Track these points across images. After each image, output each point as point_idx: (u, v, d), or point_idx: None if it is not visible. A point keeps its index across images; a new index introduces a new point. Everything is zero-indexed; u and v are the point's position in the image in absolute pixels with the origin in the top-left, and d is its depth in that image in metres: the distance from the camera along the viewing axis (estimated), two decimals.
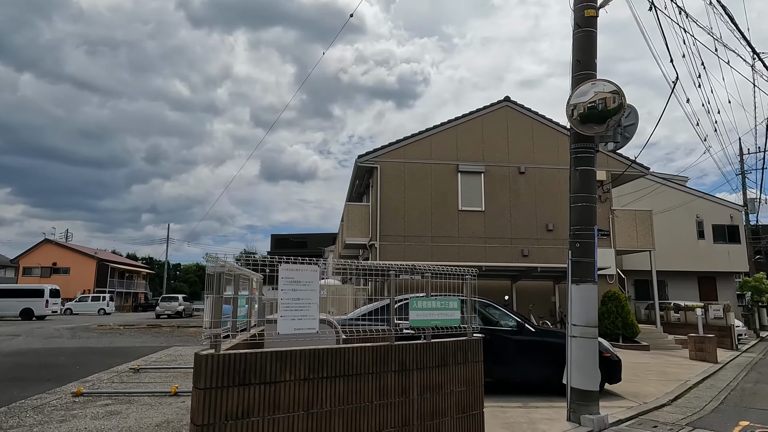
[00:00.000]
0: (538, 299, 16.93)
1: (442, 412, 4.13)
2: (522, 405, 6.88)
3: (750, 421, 6.46)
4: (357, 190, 20.70)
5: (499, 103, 18.22)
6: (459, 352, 4.36)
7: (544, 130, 18.11)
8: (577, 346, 6.09)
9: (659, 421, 6.36)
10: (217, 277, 3.27)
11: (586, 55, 6.53)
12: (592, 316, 6.18)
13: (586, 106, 6.37)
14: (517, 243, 17.15)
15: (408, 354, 3.99)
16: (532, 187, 17.65)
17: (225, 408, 3.08)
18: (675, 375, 10.07)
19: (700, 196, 26.79)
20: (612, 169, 17.67)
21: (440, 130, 17.67)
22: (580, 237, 6.32)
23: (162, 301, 37.54)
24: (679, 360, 12.82)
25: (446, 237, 16.86)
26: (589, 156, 6.48)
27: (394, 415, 3.82)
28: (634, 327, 15.50)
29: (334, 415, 3.50)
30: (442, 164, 17.34)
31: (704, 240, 26.17)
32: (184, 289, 60.76)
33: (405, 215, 16.84)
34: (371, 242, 16.99)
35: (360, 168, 17.63)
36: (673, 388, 8.57)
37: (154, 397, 7.00)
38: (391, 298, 4.09)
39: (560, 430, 5.66)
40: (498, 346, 7.62)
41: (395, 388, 3.87)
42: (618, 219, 18.23)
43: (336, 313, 9.05)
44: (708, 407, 7.38)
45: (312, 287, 3.61)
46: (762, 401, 7.91)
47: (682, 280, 25.70)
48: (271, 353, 3.30)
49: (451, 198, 17.21)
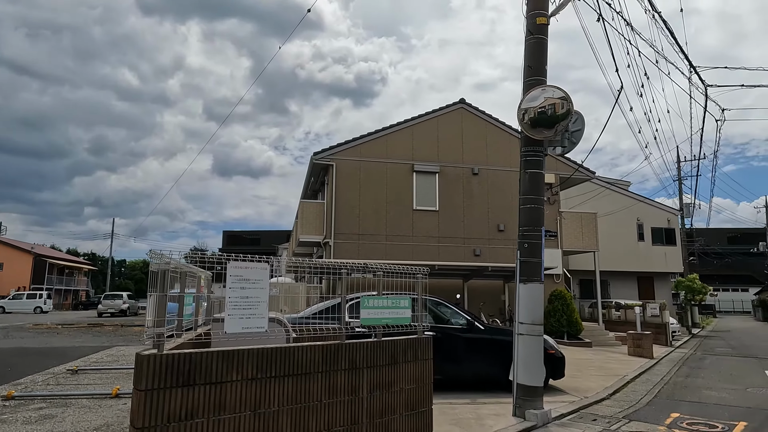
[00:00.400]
0: (489, 298, 17.34)
1: (391, 409, 4.16)
2: (470, 401, 7.03)
3: (680, 413, 6.86)
4: (312, 187, 20.52)
5: (455, 104, 18.52)
6: (409, 350, 4.40)
7: (497, 133, 18.56)
8: (523, 343, 6.28)
9: (598, 415, 6.66)
10: (162, 275, 3.16)
11: (537, 62, 6.73)
12: (539, 314, 6.38)
13: (536, 111, 6.57)
14: (470, 243, 17.50)
15: (358, 352, 3.99)
16: (485, 188, 18.05)
17: (168, 410, 2.99)
18: (614, 370, 10.56)
19: (640, 200, 28.22)
20: (560, 172, 18.33)
21: (396, 130, 17.78)
22: (529, 238, 6.52)
23: (105, 299, 35.84)
24: (618, 356, 13.45)
25: (401, 236, 16.98)
26: (539, 159, 6.69)
27: (344, 413, 3.82)
28: (578, 325, 16.14)
29: (282, 414, 3.46)
30: (397, 164, 17.45)
31: (644, 242, 27.59)
32: (130, 287, 58.29)
33: (360, 214, 16.84)
34: (326, 240, 16.89)
35: (315, 165, 17.48)
36: (612, 382, 8.98)
37: (94, 400, 6.69)
38: (343, 297, 4.08)
39: (506, 425, 5.82)
40: (448, 344, 7.75)
41: (345, 386, 3.86)
42: (565, 221, 18.94)
43: (288, 311, 8.95)
44: (643, 400, 7.79)
45: (261, 285, 3.55)
46: (691, 394, 8.42)
47: (623, 280, 27.01)
48: (217, 353, 3.22)
49: (406, 197, 17.35)
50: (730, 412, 6.95)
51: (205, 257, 3.96)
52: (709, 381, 9.83)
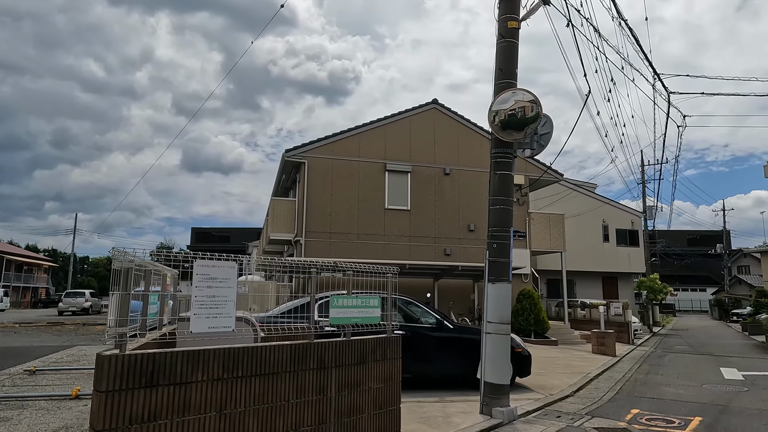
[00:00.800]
0: (459, 297, 17.53)
1: (359, 408, 4.16)
2: (438, 399, 7.09)
3: (640, 409, 7.09)
4: (284, 185, 20.32)
5: (428, 105, 18.63)
6: (378, 350, 4.42)
7: (469, 134, 18.76)
8: (491, 342, 6.38)
9: (562, 411, 6.82)
10: (125, 273, 3.08)
11: (508, 65, 6.83)
12: (506, 313, 6.49)
13: (506, 114, 6.67)
14: (440, 242, 17.65)
15: (327, 352, 3.98)
16: (456, 188, 18.23)
17: (129, 411, 2.91)
18: (579, 368, 10.83)
19: (606, 202, 28.99)
20: (530, 174, 18.66)
21: (369, 129, 17.77)
22: (498, 238, 6.62)
23: (66, 297, 34.61)
24: (583, 354, 13.80)
25: (372, 235, 16.99)
26: (508, 161, 6.79)
27: (312, 413, 3.80)
28: (545, 323, 16.49)
29: (248, 415, 3.42)
30: (370, 162, 17.45)
31: (609, 243, 28.35)
32: (93, 284, 56.45)
33: (332, 212, 16.78)
34: (296, 238, 16.76)
35: (287, 162, 17.32)
36: (576, 380, 9.21)
37: (52, 401, 6.47)
38: (312, 296, 4.06)
39: (473, 422, 5.90)
40: (418, 343, 7.80)
41: (313, 386, 3.85)
42: (534, 221, 19.30)
43: (258, 310, 8.85)
44: (605, 397, 8.02)
45: (229, 284, 3.50)
46: (651, 391, 8.71)
47: (589, 280, 27.70)
48: (181, 353, 3.16)
49: (378, 196, 17.36)
50: (687, 408, 7.22)
51: (170, 255, 3.88)
52: (668, 378, 10.18)
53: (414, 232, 17.49)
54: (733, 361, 13.22)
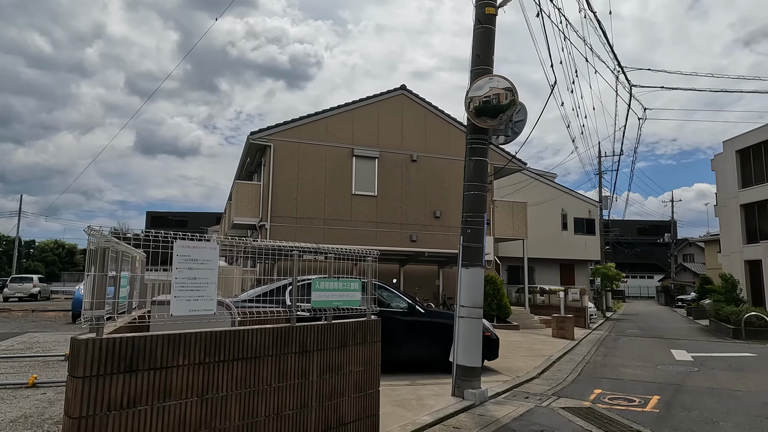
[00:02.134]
0: (424, 282, 17.72)
1: (340, 392, 4.13)
2: (411, 383, 7.16)
3: (602, 389, 7.39)
4: (248, 168, 19.86)
5: (396, 90, 18.54)
6: (359, 333, 4.39)
7: (436, 121, 18.82)
8: (464, 325, 6.47)
9: (530, 393, 7.02)
10: (101, 253, 2.91)
11: (484, 51, 6.85)
12: (479, 297, 6.59)
13: (481, 100, 6.70)
14: (407, 228, 17.73)
15: (309, 335, 3.92)
16: (423, 175, 18.31)
17: (108, 397, 2.78)
18: (541, 351, 11.17)
19: (565, 191, 29.83)
20: (495, 162, 18.91)
21: (336, 113, 17.55)
22: (472, 223, 6.68)
23: (12, 282, 32.83)
24: (543, 338, 14.25)
25: (339, 220, 16.89)
26: (483, 147, 6.85)
27: (293, 397, 3.74)
28: (507, 309, 16.91)
29: (230, 399, 3.34)
30: (337, 147, 17.27)
31: (567, 231, 29.26)
32: (40, 269, 53.74)
33: (298, 196, 16.55)
34: (261, 223, 16.46)
35: (252, 145, 16.91)
36: (540, 362, 9.50)
37: (7, 390, 6.13)
38: (294, 279, 3.98)
39: (446, 404, 5.99)
40: (390, 327, 7.81)
41: (295, 369, 3.79)
42: (498, 209, 19.65)
43: (222, 295, 8.65)
44: (569, 378, 8.31)
45: (210, 266, 3.37)
46: (611, 372, 9.09)
47: (548, 266, 28.55)
48: (162, 336, 3.03)
49: (345, 181, 17.23)
50: (645, 387, 7.58)
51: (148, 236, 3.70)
52: (625, 360, 10.65)
53: (381, 218, 17.49)
54: (681, 344, 13.95)
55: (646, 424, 5.51)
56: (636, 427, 5.38)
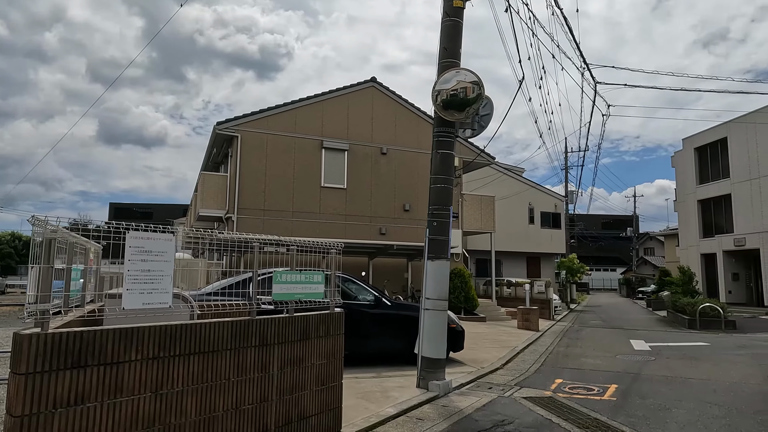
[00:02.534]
0: (393, 275, 17.77)
1: (302, 385, 4.10)
2: (376, 375, 7.18)
3: (563, 379, 7.57)
4: (214, 159, 19.45)
5: (366, 82, 18.44)
6: (321, 326, 4.35)
7: (406, 114, 18.82)
8: (429, 317, 6.50)
9: (494, 383, 7.13)
10: (47, 244, 2.78)
11: (452, 44, 6.86)
12: (444, 290, 6.64)
13: (448, 93, 6.71)
14: (376, 221, 17.72)
15: (269, 328, 3.86)
16: (393, 168, 18.30)
17: (53, 394, 2.67)
18: (506, 342, 11.37)
19: (532, 186, 30.36)
20: (464, 156, 19.07)
21: (306, 104, 17.34)
22: (438, 216, 6.71)
23: None
24: (509, 329, 14.50)
25: (307, 213, 16.74)
26: (450, 140, 6.87)
27: (253, 391, 3.68)
28: (474, 301, 17.14)
29: (186, 394, 3.25)
30: (306, 139, 17.08)
31: (534, 225, 29.82)
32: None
33: (265, 189, 16.31)
34: (228, 215, 16.17)
35: (219, 135, 16.55)
36: (504, 353, 9.66)
37: None
38: (254, 271, 3.91)
39: (410, 396, 6.02)
40: (356, 320, 7.81)
41: (255, 363, 3.73)
42: (466, 203, 19.85)
43: (186, 288, 8.47)
44: (531, 369, 8.48)
45: (166, 258, 3.27)
46: (572, 362, 9.32)
47: (515, 259, 29.05)
48: (113, 331, 2.92)
49: (314, 173, 17.08)
50: (604, 377, 7.80)
51: (98, 228, 3.57)
52: (586, 350, 10.94)
53: (350, 210, 17.43)
54: (640, 334, 14.43)
55: (603, 412, 5.67)
56: (593, 415, 5.52)
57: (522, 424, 5.13)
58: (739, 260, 27.42)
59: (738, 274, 27.66)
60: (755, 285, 26.83)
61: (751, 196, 26.47)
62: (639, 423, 5.27)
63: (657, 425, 5.20)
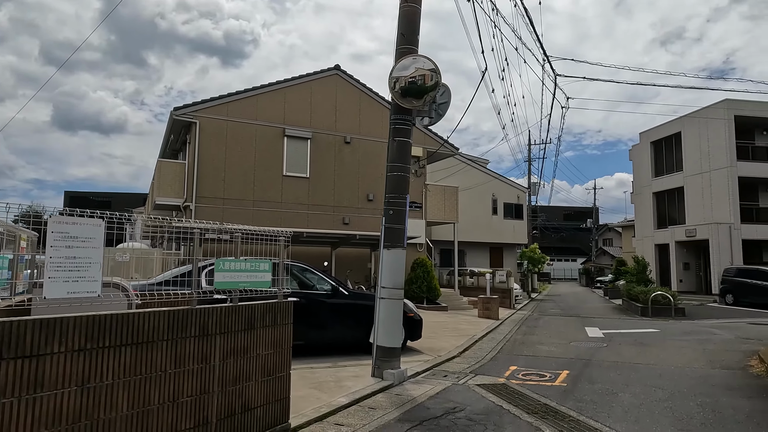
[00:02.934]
0: (356, 265, 17.70)
1: (246, 376, 3.98)
2: (332, 365, 7.11)
3: (518, 366, 7.69)
4: (172, 146, 18.85)
5: (330, 70, 18.17)
6: (268, 315, 4.24)
7: (371, 104, 18.67)
8: (384, 306, 6.47)
9: (449, 371, 7.18)
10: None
11: (410, 30, 6.77)
12: (400, 279, 6.60)
13: (407, 81, 6.65)
14: (339, 211, 17.58)
15: (211, 318, 3.72)
16: (357, 157, 18.16)
17: None
18: (465, 331, 11.49)
19: (496, 177, 30.75)
20: (428, 146, 19.12)
21: (267, 91, 16.96)
22: (394, 205, 6.66)
23: None
24: (470, 318, 14.68)
25: (269, 202, 16.44)
26: (407, 128, 6.81)
27: (193, 382, 3.55)
28: (437, 291, 17.27)
29: (117, 387, 3.10)
30: (267, 126, 16.73)
31: (497, 216, 30.25)
32: None
33: (225, 177, 15.92)
34: (186, 204, 15.71)
35: (176, 122, 16.01)
36: (462, 342, 9.75)
37: None
38: (194, 258, 3.76)
39: (364, 385, 5.98)
40: (313, 309, 7.73)
41: (195, 354, 3.59)
42: (430, 193, 19.92)
43: (141, 278, 8.19)
44: (488, 356, 8.59)
45: (94, 244, 3.09)
46: (528, 349, 9.49)
47: (478, 250, 29.45)
48: (32, 321, 2.74)
49: (275, 162, 16.77)
50: (557, 363, 7.97)
51: (27, 213, 3.34)
52: (542, 337, 11.17)
53: (313, 200, 17.22)
54: (595, 321, 14.87)
55: (553, 397, 5.78)
56: (543, 400, 5.62)
57: (473, 411, 5.16)
58: (690, 250, 28.60)
59: (689, 263, 28.86)
60: (704, 274, 28.08)
61: (702, 189, 27.58)
62: (586, 407, 5.38)
63: (603, 409, 5.33)
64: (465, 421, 4.82)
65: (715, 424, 4.89)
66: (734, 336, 11.19)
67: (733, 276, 21.37)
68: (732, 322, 14.56)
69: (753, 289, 19.75)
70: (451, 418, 4.94)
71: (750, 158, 26.75)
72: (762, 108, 26.51)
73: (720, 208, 26.41)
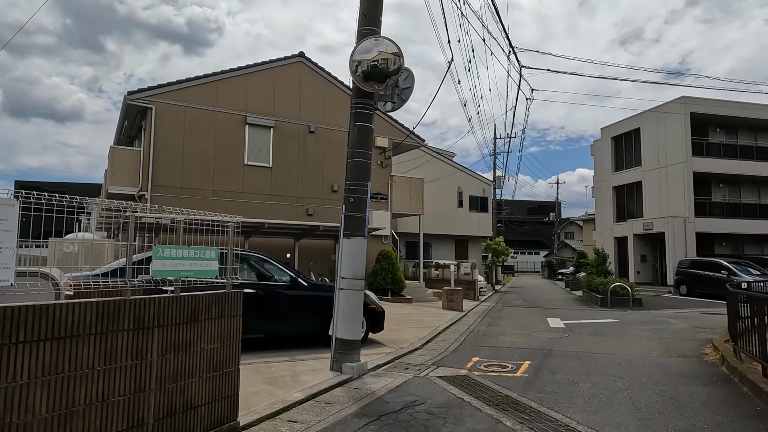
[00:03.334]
0: (320, 257, 17.38)
1: (189, 372, 3.69)
2: (289, 359, 6.84)
3: (480, 357, 7.61)
4: (127, 132, 18.00)
5: (294, 57, 17.70)
6: (214, 306, 3.94)
7: (336, 93, 18.28)
8: (344, 297, 6.24)
9: (411, 363, 7.02)
10: None
11: (372, 10, 6.52)
12: (360, 269, 6.38)
13: (369, 64, 6.40)
14: (303, 202, 17.20)
15: (147, 310, 3.41)
16: (321, 147, 17.79)
17: None
18: (429, 323, 11.39)
19: (462, 170, 30.88)
20: (394, 137, 18.93)
21: (229, 77, 16.38)
22: (355, 192, 6.42)
23: None
24: (434, 310, 14.62)
25: (230, 192, 15.92)
26: (368, 112, 6.57)
27: (126, 380, 3.24)
28: (402, 283, 17.16)
29: (34, 387, 2.76)
30: (228, 114, 16.16)
31: (462, 208, 30.40)
32: None
33: (183, 165, 15.30)
34: (141, 193, 15.02)
35: (131, 106, 15.27)
36: (425, 333, 9.63)
37: None
38: (128, 246, 3.43)
39: (322, 379, 5.75)
40: (271, 301, 7.44)
41: (128, 349, 3.27)
42: (396, 185, 19.74)
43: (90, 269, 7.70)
44: (450, 348, 8.48)
45: (6, 227, 2.74)
46: (490, 340, 9.45)
47: (443, 242, 29.53)
48: None
49: (236, 151, 16.24)
50: (519, 354, 7.93)
51: None
52: (505, 329, 11.18)
53: (275, 190, 16.78)
54: (557, 312, 15.05)
55: (515, 388, 5.69)
56: (505, 392, 5.52)
57: (433, 404, 5.01)
58: (647, 243, 29.49)
59: (646, 255, 29.76)
60: (660, 266, 29.02)
61: (659, 184, 28.42)
62: (547, 398, 5.31)
63: (564, 399, 5.27)
64: (425, 415, 4.66)
65: (673, 412, 4.88)
66: (689, 325, 11.48)
67: (687, 268, 22.09)
68: (686, 312, 15.00)
69: (706, 280, 20.45)
70: (410, 411, 4.76)
71: (704, 154, 27.70)
72: (716, 105, 27.47)
73: (676, 202, 27.28)
